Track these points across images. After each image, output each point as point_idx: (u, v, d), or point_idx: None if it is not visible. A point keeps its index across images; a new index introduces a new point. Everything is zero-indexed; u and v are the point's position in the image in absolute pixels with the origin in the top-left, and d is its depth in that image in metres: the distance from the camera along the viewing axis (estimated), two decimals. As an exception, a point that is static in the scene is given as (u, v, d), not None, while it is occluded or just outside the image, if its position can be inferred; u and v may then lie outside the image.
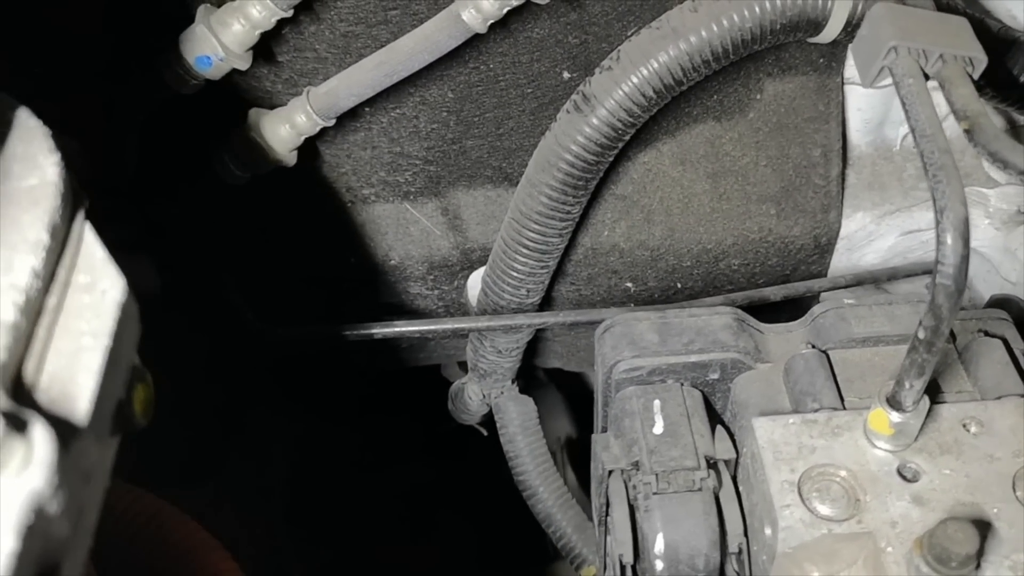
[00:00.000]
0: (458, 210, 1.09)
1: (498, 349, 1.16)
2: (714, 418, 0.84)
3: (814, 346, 0.82)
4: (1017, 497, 0.69)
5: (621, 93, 0.89)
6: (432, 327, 1.09)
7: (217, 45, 0.88)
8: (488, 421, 1.37)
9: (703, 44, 0.86)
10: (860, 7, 0.82)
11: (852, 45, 0.76)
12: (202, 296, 1.06)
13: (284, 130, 0.95)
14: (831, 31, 0.84)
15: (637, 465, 0.79)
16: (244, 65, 0.90)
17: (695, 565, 0.75)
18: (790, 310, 1.09)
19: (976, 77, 0.65)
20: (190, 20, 0.90)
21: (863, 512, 0.69)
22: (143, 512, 0.72)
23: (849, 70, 1.04)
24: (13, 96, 0.52)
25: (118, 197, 0.98)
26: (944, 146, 0.58)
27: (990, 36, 0.86)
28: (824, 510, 0.69)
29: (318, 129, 0.95)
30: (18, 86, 0.54)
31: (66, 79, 0.92)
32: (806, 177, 1.07)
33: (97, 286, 0.46)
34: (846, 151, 1.10)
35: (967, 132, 0.60)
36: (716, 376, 0.83)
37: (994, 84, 0.87)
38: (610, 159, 0.96)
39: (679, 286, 1.14)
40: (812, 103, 1.04)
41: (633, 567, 0.78)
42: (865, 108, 1.08)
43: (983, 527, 0.66)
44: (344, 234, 1.10)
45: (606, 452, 0.81)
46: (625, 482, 0.80)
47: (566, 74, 1.00)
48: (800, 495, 0.70)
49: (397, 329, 1.07)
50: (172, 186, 1.01)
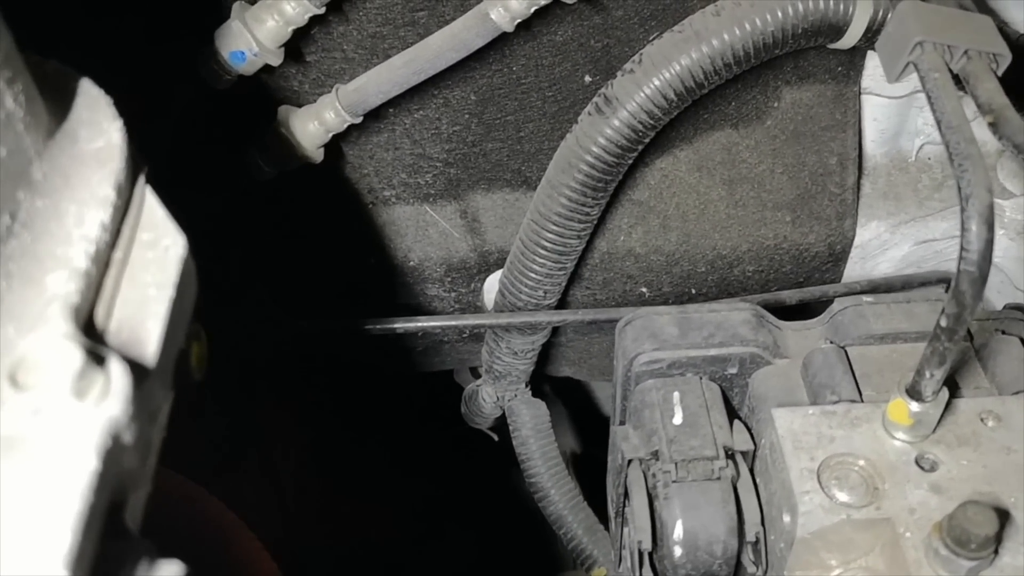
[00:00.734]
0: (477, 213, 1.11)
1: (514, 351, 1.18)
2: (731, 414, 0.85)
3: (832, 342, 0.84)
4: (1034, 488, 0.70)
5: (643, 95, 0.91)
6: (453, 323, 1.10)
7: (251, 40, 0.90)
8: (499, 426, 1.38)
9: (725, 48, 0.88)
10: (881, 13, 0.84)
11: (878, 43, 0.78)
12: (227, 285, 1.07)
13: (313, 126, 0.97)
14: (851, 36, 0.86)
15: (656, 454, 0.80)
16: (276, 61, 0.92)
17: (713, 552, 0.76)
18: (804, 316, 1.11)
19: (1000, 73, 0.67)
20: (224, 17, 0.92)
21: (881, 499, 0.70)
22: (180, 491, 0.74)
23: (866, 80, 1.05)
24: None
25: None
26: (970, 136, 0.60)
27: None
28: (843, 497, 0.71)
29: (346, 126, 0.97)
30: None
31: (101, 76, 0.94)
32: (822, 185, 1.09)
33: (160, 242, 0.49)
34: (862, 160, 1.12)
35: (992, 126, 0.62)
36: (735, 370, 0.85)
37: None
38: (630, 161, 0.97)
39: (693, 292, 1.15)
40: (829, 111, 1.05)
41: (651, 555, 0.79)
42: (881, 118, 1.09)
43: (1001, 515, 0.67)
44: (365, 235, 1.11)
45: (626, 442, 0.82)
46: (644, 471, 0.81)
47: (587, 78, 1.01)
48: (819, 482, 0.71)
49: (418, 324, 1.08)
50: (202, 181, 1.03)
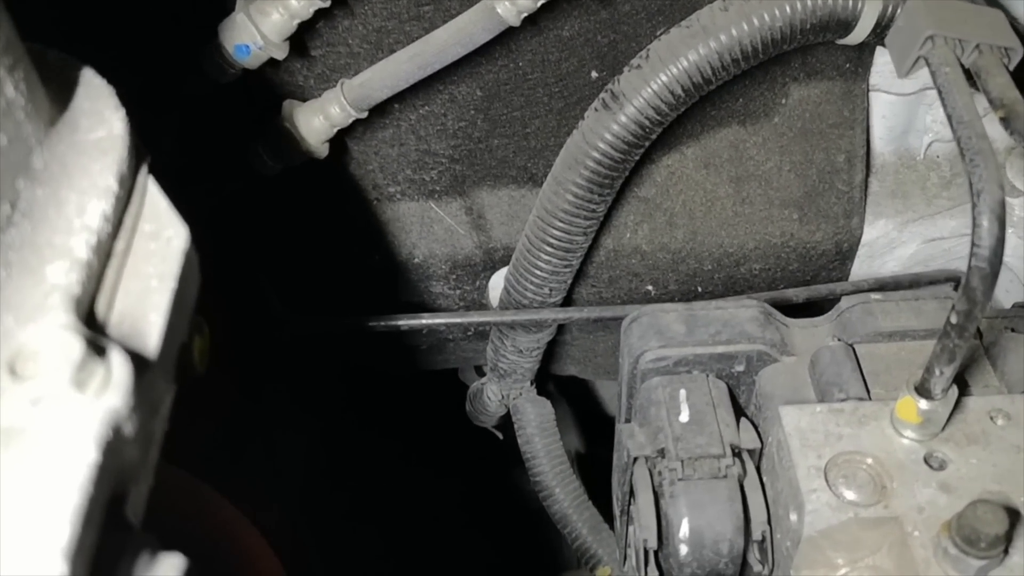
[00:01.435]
0: (482, 210, 1.10)
1: (519, 349, 1.17)
2: (738, 412, 0.84)
3: (840, 340, 0.83)
4: (1045, 488, 0.70)
5: (650, 91, 0.90)
6: (457, 320, 1.10)
7: (256, 33, 0.90)
8: (504, 424, 1.38)
9: (733, 43, 0.87)
10: (890, 8, 0.83)
11: (888, 37, 0.77)
12: (229, 281, 1.06)
13: (317, 121, 0.97)
14: (860, 32, 0.85)
15: (663, 452, 0.79)
16: (281, 55, 0.92)
17: (719, 550, 0.75)
18: (811, 314, 1.10)
19: (1012, 68, 0.67)
20: (228, 11, 0.91)
21: (889, 498, 0.69)
22: (183, 487, 0.73)
23: (875, 77, 1.04)
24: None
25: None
26: (981, 131, 0.59)
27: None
28: (850, 495, 0.70)
29: (351, 121, 0.97)
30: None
31: (104, 67, 0.94)
32: (829, 183, 1.08)
33: (162, 234, 0.48)
34: (870, 158, 1.11)
35: (1003, 121, 0.61)
36: (742, 368, 0.84)
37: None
38: (636, 157, 0.97)
39: (700, 290, 1.14)
40: (837, 108, 1.05)
41: (656, 553, 0.79)
42: (889, 116, 1.08)
43: (1011, 514, 0.66)
44: (369, 231, 1.11)
45: (631, 440, 0.81)
46: (650, 469, 0.80)
47: (594, 73, 1.01)
48: (826, 480, 0.71)
49: (423, 321, 1.08)
50: (207, 176, 1.02)
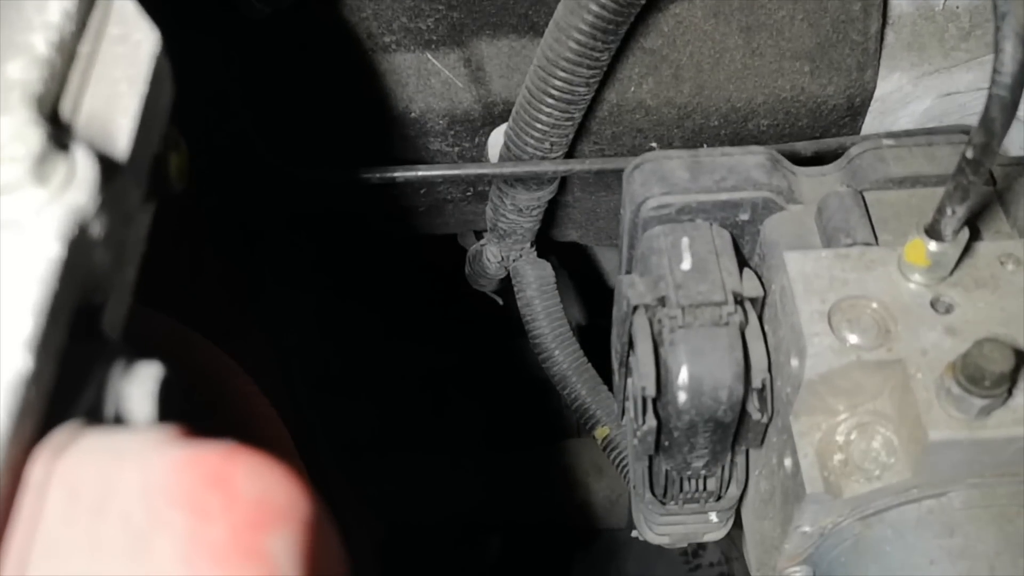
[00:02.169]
0: (481, 61, 1.07)
1: (519, 207, 1.15)
2: (741, 263, 0.83)
3: (849, 187, 0.81)
4: (1053, 332, 0.68)
5: (659, -73, 0.86)
6: (455, 172, 1.07)
7: None
8: (504, 290, 1.37)
9: None
10: None
11: None
12: (216, 132, 1.04)
13: (306, -42, 0.93)
14: None
15: (663, 301, 0.77)
16: None
17: (718, 397, 0.74)
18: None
19: None
20: None
21: (893, 341, 0.68)
22: (169, 331, 0.72)
23: (895, -83, 1.00)
24: None
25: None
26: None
27: None
28: (854, 339, 0.69)
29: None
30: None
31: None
32: (843, 33, 1.04)
33: (131, 37, 0.46)
34: (886, 8, 1.06)
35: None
36: (746, 216, 0.82)
37: None
38: (643, 2, 0.93)
39: (705, 147, 1.11)
40: (855, -48, 1.00)
41: (655, 401, 0.78)
42: (909, -39, 1.04)
43: (1018, 355, 0.65)
44: (363, 84, 1.07)
45: (631, 289, 0.80)
46: (650, 318, 0.79)
47: (600, -90, 0.96)
48: (830, 324, 0.69)
49: (419, 173, 1.05)
50: (191, 21, 0.98)
